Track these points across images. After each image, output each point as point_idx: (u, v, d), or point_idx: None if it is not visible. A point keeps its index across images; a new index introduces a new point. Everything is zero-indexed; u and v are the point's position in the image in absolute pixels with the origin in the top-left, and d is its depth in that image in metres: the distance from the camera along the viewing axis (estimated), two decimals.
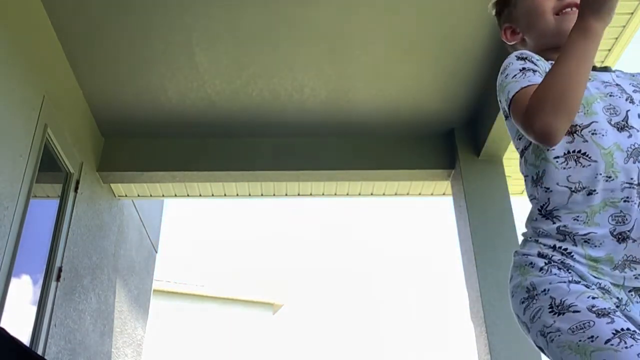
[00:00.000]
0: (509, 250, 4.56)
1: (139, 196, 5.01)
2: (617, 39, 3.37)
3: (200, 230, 27.55)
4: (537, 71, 1.33)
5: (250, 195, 4.96)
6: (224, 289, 13.28)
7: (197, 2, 3.39)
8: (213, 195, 4.96)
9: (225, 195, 4.94)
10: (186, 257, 23.10)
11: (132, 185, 4.74)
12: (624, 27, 3.31)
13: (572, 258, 1.23)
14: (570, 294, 1.16)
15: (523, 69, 1.33)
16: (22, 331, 3.43)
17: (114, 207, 4.79)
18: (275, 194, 4.93)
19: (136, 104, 4.21)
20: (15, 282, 3.23)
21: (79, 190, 4.01)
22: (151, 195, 5.01)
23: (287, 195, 4.93)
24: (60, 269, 3.74)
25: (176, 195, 5.01)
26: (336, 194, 4.92)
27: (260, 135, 4.51)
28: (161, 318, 11.65)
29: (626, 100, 1.34)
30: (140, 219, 5.55)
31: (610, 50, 3.42)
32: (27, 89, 3.29)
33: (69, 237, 3.86)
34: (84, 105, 4.16)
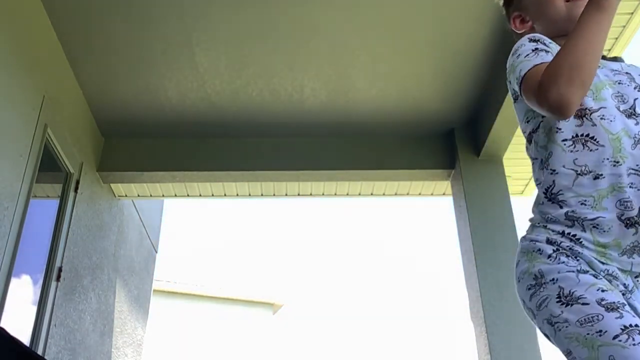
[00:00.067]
0: (509, 250, 4.56)
1: (139, 196, 5.01)
2: (617, 39, 3.37)
3: (200, 230, 27.56)
4: (550, 52, 1.33)
5: (250, 195, 4.97)
6: (224, 289, 13.27)
7: (197, 2, 3.39)
8: (213, 195, 4.96)
9: (225, 195, 4.94)
10: (186, 257, 23.10)
11: (132, 185, 4.75)
12: (624, 27, 3.31)
13: (580, 244, 1.23)
14: (579, 285, 1.17)
15: (535, 49, 1.34)
16: (22, 331, 3.43)
17: (114, 207, 4.79)
18: (275, 194, 4.93)
19: (136, 104, 4.22)
20: (15, 282, 3.23)
21: (79, 190, 4.01)
22: (151, 195, 5.01)
23: (287, 195, 4.93)
24: (60, 269, 3.74)
25: (176, 195, 5.01)
26: (336, 194, 4.93)
27: (260, 135, 4.51)
28: (161, 318, 11.65)
29: (634, 88, 1.35)
30: (140, 219, 5.55)
31: (610, 50, 3.42)
32: (27, 89, 3.29)
33: (69, 237, 3.86)
34: (84, 105, 4.16)
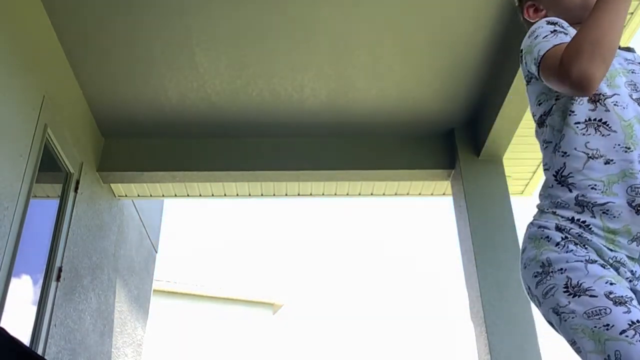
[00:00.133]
0: (509, 250, 4.54)
1: (139, 196, 5.01)
2: None
3: (200, 230, 27.54)
4: (568, 34, 1.34)
5: (250, 195, 4.97)
6: (224, 289, 13.27)
7: (197, 2, 3.39)
8: (213, 195, 4.96)
9: (225, 195, 4.94)
10: (186, 257, 23.10)
11: (132, 185, 4.75)
12: (624, 27, 3.30)
13: (589, 231, 1.23)
14: (588, 276, 1.17)
15: (554, 30, 1.35)
16: (22, 331, 3.43)
17: (114, 207, 4.79)
18: (275, 194, 4.93)
19: (136, 104, 4.22)
20: (15, 282, 3.23)
21: (79, 190, 4.02)
22: (151, 195, 5.01)
23: (287, 195, 4.93)
24: (60, 269, 3.74)
25: (176, 195, 5.01)
26: (336, 194, 4.93)
27: (260, 135, 4.51)
28: (161, 318, 11.65)
29: None
30: (140, 219, 5.55)
31: None
32: (27, 89, 3.29)
33: (69, 237, 3.86)
34: (84, 105, 4.16)
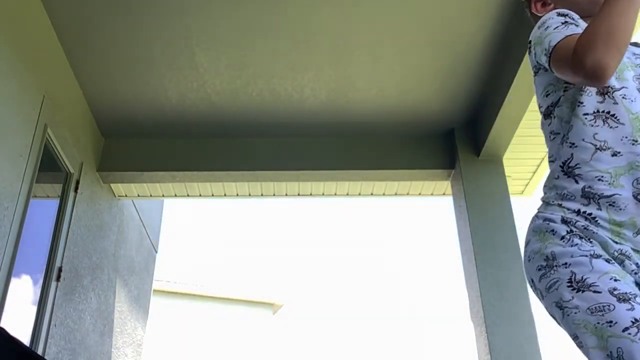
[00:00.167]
0: (509, 251, 4.53)
1: (139, 196, 5.01)
2: None
3: (200, 230, 27.54)
4: (579, 26, 1.35)
5: (250, 195, 4.97)
6: (224, 289, 13.28)
7: (197, 2, 3.39)
8: (213, 195, 4.96)
9: (225, 195, 4.94)
10: (186, 257, 23.10)
11: (132, 185, 4.75)
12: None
13: (595, 223, 1.23)
14: (592, 272, 1.17)
15: (565, 22, 1.35)
16: (22, 331, 3.43)
17: (114, 207, 4.79)
18: (275, 194, 4.93)
19: (136, 104, 4.22)
20: (15, 282, 3.23)
21: (79, 190, 4.02)
22: (151, 195, 5.01)
23: (287, 195, 4.93)
24: (60, 269, 3.74)
25: (176, 195, 5.01)
26: (336, 194, 4.93)
27: (260, 135, 4.51)
28: (161, 318, 11.65)
29: None
30: (140, 219, 5.55)
31: None
32: (27, 89, 3.29)
33: (69, 237, 3.86)
34: (84, 105, 4.16)
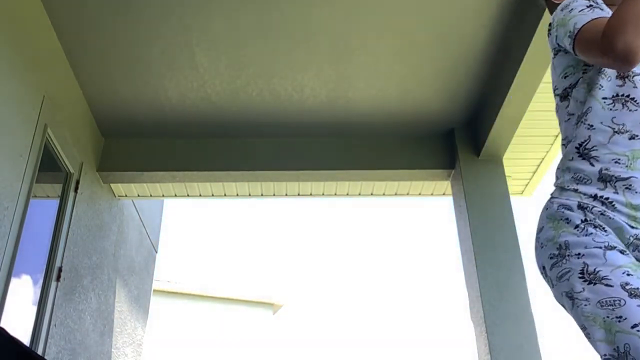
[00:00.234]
0: (509, 251, 4.53)
1: (139, 196, 5.01)
2: None
3: (200, 230, 27.52)
4: (604, 10, 1.34)
5: (250, 195, 4.97)
6: (224, 289, 13.27)
7: (197, 2, 3.39)
8: (213, 195, 4.96)
9: (225, 195, 4.94)
10: (186, 257, 23.09)
11: (132, 185, 4.74)
12: None
13: (612, 207, 1.23)
14: (605, 265, 1.16)
15: (590, 5, 1.35)
16: (22, 331, 3.43)
17: (114, 207, 4.79)
18: (275, 194, 4.93)
19: (136, 104, 4.22)
20: (15, 282, 3.23)
21: (79, 190, 4.01)
22: (151, 195, 5.01)
23: (287, 195, 4.93)
24: (60, 269, 3.74)
25: (176, 195, 5.01)
26: (336, 194, 4.93)
27: (260, 135, 4.51)
28: (161, 318, 11.65)
29: None
30: (140, 219, 5.55)
31: None
32: (27, 89, 3.29)
33: (69, 237, 3.86)
34: (84, 105, 4.16)
